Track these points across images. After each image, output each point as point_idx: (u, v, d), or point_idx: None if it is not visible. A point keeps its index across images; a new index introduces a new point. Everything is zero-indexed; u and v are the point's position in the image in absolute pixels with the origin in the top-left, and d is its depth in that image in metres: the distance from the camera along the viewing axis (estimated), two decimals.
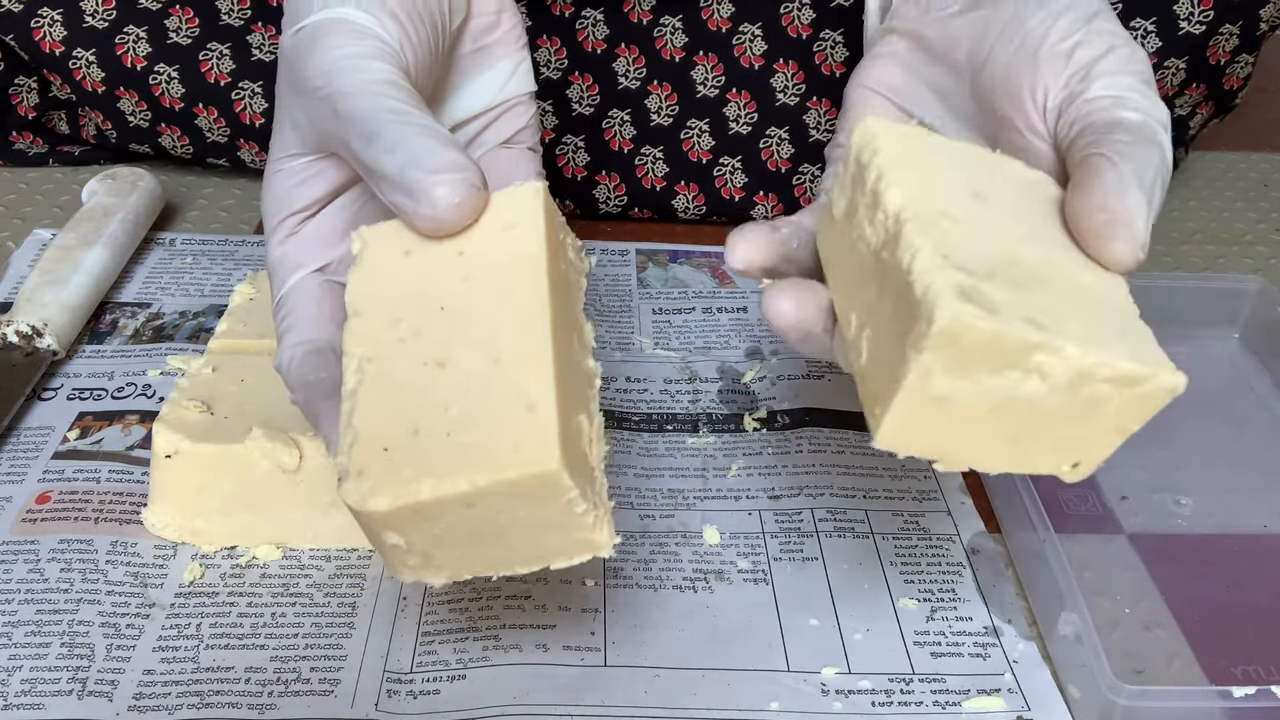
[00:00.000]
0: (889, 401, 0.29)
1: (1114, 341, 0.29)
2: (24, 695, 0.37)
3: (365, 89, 0.34)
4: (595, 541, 0.32)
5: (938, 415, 0.29)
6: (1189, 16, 0.59)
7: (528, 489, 0.30)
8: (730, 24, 0.61)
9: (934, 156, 0.33)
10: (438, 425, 0.30)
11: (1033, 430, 0.30)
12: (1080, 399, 0.30)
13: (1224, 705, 0.36)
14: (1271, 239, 0.67)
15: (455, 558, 0.32)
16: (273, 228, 0.38)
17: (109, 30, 0.62)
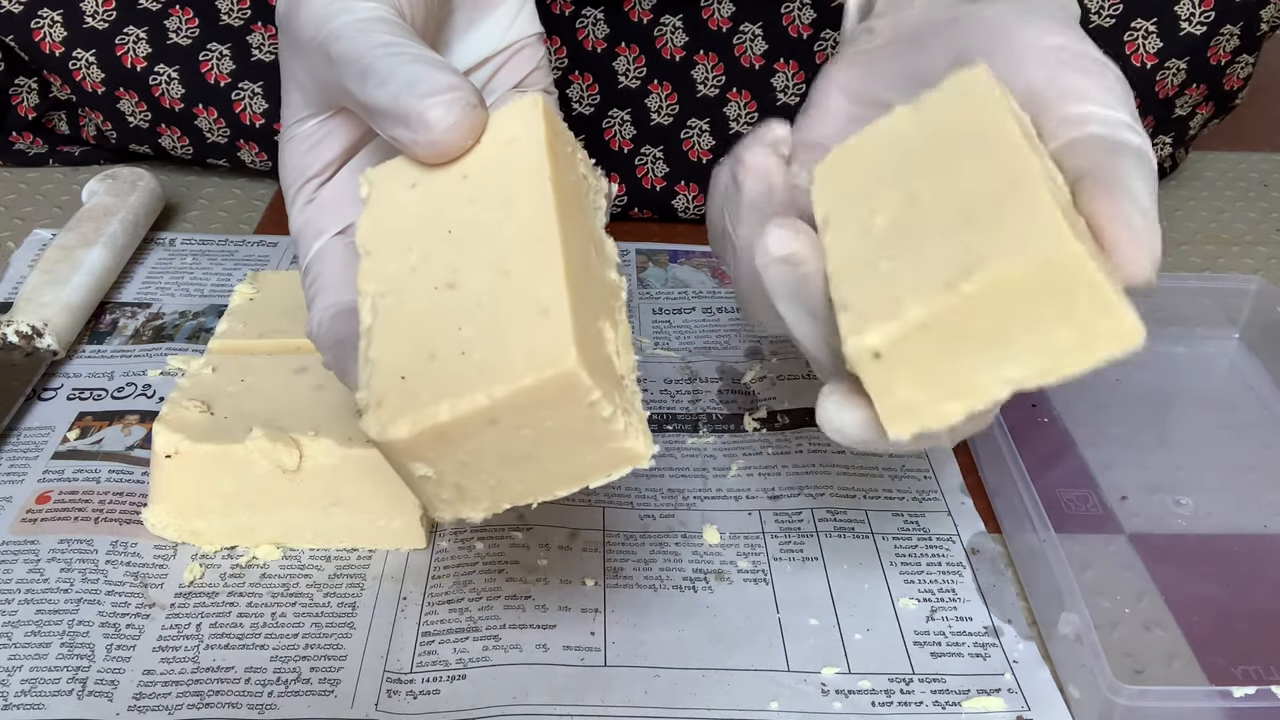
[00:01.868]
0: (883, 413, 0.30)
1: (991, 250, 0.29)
2: (24, 695, 0.37)
3: (354, 28, 0.34)
4: (631, 451, 0.31)
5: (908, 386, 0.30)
6: (1190, 17, 0.59)
7: (547, 394, 0.29)
8: (731, 23, 0.61)
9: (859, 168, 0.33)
10: (452, 346, 0.30)
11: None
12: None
13: (1224, 705, 0.36)
14: (1271, 239, 0.67)
15: (489, 486, 0.31)
16: (291, 196, 0.37)
17: (109, 31, 0.62)
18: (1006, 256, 0.28)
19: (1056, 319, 0.28)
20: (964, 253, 0.29)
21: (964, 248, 0.29)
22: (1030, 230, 0.28)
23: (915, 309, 0.29)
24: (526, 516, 0.45)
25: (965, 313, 0.29)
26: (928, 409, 0.30)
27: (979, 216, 0.29)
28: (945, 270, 0.29)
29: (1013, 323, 0.29)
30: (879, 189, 0.32)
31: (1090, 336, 0.29)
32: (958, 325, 0.29)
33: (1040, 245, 0.28)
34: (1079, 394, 0.52)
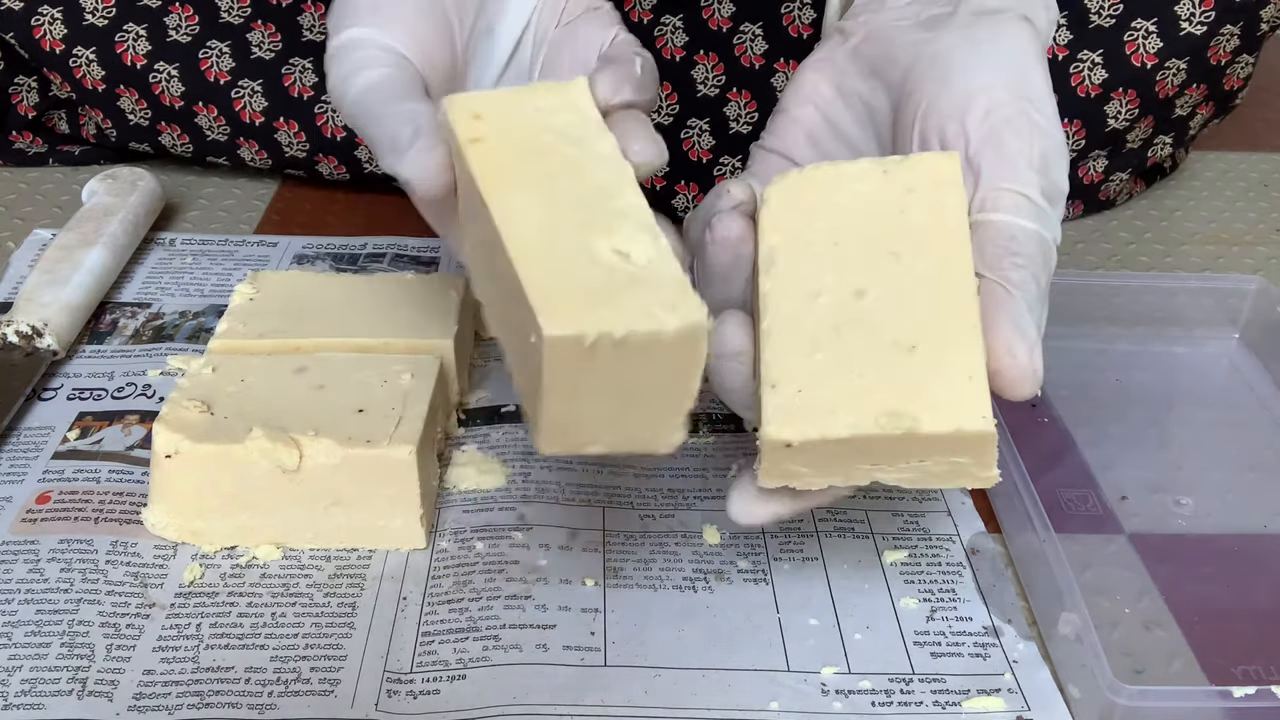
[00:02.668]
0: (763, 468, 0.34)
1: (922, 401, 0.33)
2: (24, 695, 0.37)
3: (352, 107, 0.39)
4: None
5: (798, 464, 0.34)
6: (1190, 17, 0.59)
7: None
8: (731, 23, 0.61)
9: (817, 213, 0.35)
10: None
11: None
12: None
13: (1224, 705, 0.36)
14: (1271, 239, 0.67)
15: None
16: None
17: (109, 28, 0.62)
18: (933, 420, 0.32)
19: (945, 460, 0.33)
20: (896, 392, 0.32)
21: (898, 387, 0.32)
22: (962, 401, 0.32)
23: (841, 429, 0.32)
24: (526, 516, 0.45)
25: (881, 442, 0.33)
26: (805, 478, 0.34)
27: (920, 356, 0.33)
28: (876, 402, 0.32)
29: (910, 456, 0.33)
30: (831, 253, 0.35)
31: (963, 474, 0.34)
32: (868, 446, 0.33)
33: (967, 421, 0.32)
34: (1079, 394, 0.52)
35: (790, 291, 0.34)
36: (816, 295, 0.34)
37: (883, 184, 0.35)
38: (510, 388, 0.51)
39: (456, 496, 0.46)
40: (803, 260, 0.35)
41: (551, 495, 0.46)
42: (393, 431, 0.42)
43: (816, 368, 0.33)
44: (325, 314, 0.48)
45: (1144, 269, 0.64)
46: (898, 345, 0.33)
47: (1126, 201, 0.69)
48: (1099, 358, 0.55)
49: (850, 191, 0.35)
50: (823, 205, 0.35)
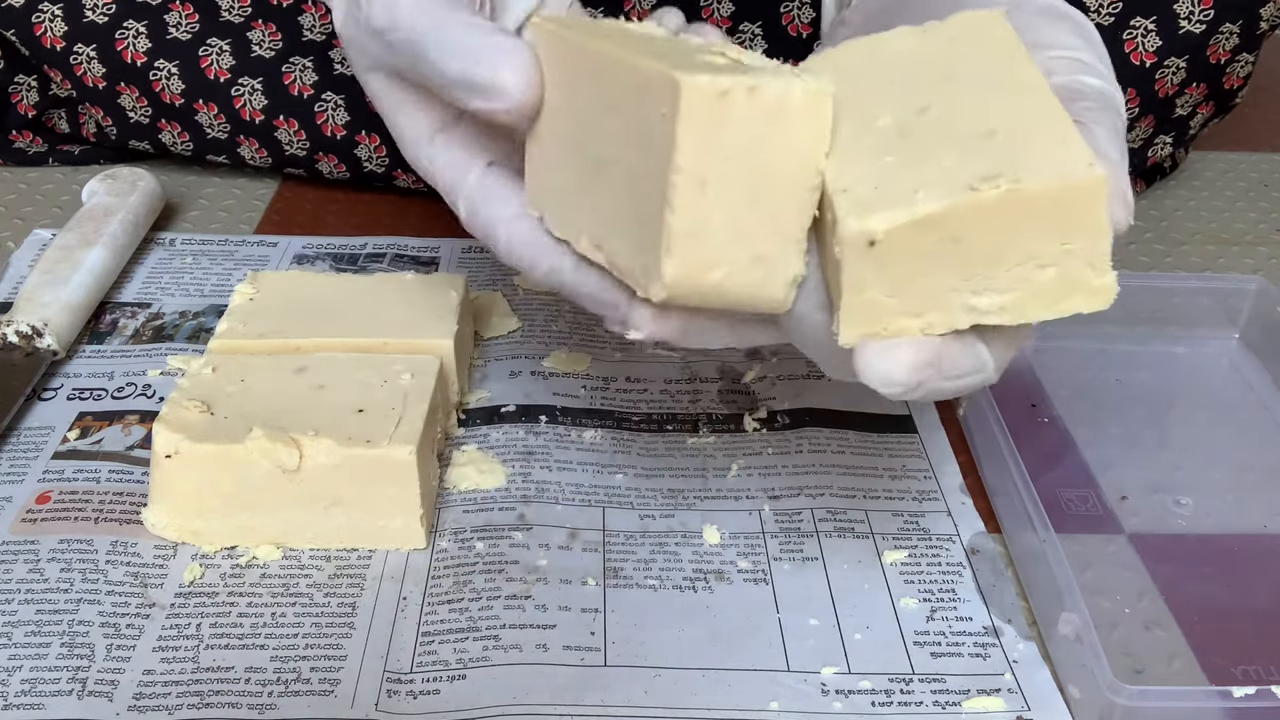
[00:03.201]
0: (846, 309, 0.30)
1: (1017, 159, 0.29)
2: (24, 695, 0.37)
3: (405, 17, 0.35)
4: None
5: (887, 290, 0.29)
6: (1189, 15, 0.59)
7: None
8: (730, 23, 0.61)
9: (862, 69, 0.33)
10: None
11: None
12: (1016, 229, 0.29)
13: (1224, 705, 0.36)
14: (1271, 239, 0.67)
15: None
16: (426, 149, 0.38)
17: (109, 25, 0.62)
18: (1037, 174, 0.28)
19: (1050, 255, 0.29)
20: (989, 162, 0.28)
21: (989, 158, 0.29)
22: (1064, 155, 0.28)
23: (930, 202, 0.28)
24: (526, 516, 0.45)
25: (976, 219, 0.28)
26: (888, 318, 0.30)
27: (1002, 136, 0.29)
28: (966, 173, 0.28)
29: (1011, 246, 0.29)
30: (883, 93, 0.32)
31: (1071, 284, 0.29)
32: (962, 230, 0.28)
33: (1073, 169, 0.28)
34: (1079, 394, 0.52)
35: (846, 125, 0.31)
36: (875, 119, 0.31)
37: (922, 40, 0.33)
38: (510, 386, 0.51)
39: (456, 496, 0.46)
40: (855, 105, 0.31)
41: (551, 495, 0.46)
42: (393, 431, 0.42)
43: (890, 167, 0.29)
44: (325, 314, 0.48)
45: (1144, 269, 0.64)
46: (974, 134, 0.29)
47: None
48: (1099, 358, 0.55)
49: (890, 51, 0.33)
50: (866, 65, 0.33)
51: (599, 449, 0.49)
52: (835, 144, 0.30)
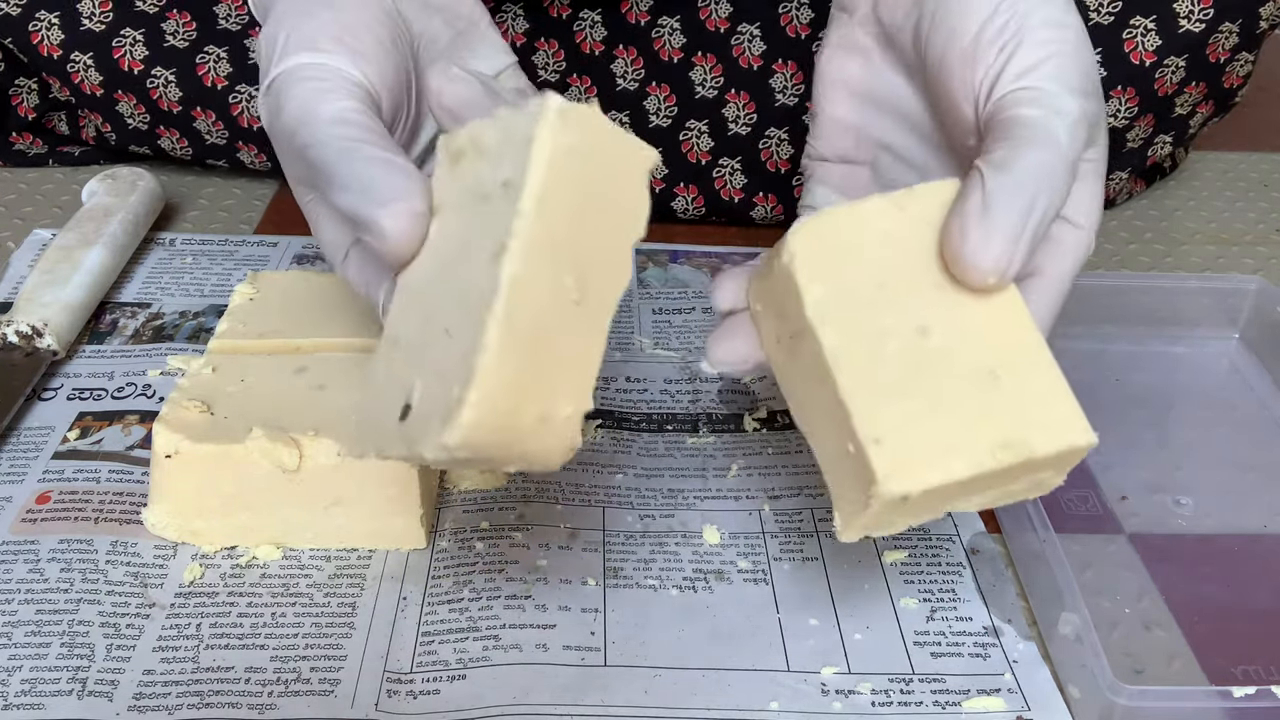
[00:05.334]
0: (850, 519, 0.34)
1: (1027, 426, 0.33)
2: (24, 695, 0.37)
3: (318, 136, 0.34)
4: None
5: (895, 514, 0.33)
6: (1189, 15, 0.59)
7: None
8: (729, 24, 0.61)
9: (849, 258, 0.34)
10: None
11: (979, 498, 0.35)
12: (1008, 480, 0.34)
13: (1224, 705, 0.36)
14: (1271, 239, 0.67)
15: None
16: (341, 262, 0.38)
17: (106, 33, 0.62)
18: (1047, 443, 0.32)
19: (1033, 478, 0.34)
20: (1001, 424, 0.32)
21: (999, 418, 0.32)
22: (1060, 417, 0.33)
23: (960, 468, 0.32)
24: (526, 516, 0.45)
25: (992, 475, 0.32)
26: (895, 525, 0.34)
27: (1003, 378, 0.33)
28: (986, 437, 0.32)
29: (1010, 480, 0.33)
30: (882, 303, 0.33)
31: (1039, 486, 0.34)
32: (976, 482, 0.33)
33: (1075, 437, 0.33)
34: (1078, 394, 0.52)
35: (856, 341, 0.33)
36: (883, 339, 0.33)
37: (901, 220, 0.34)
38: None
39: (456, 496, 0.46)
40: (853, 307, 0.33)
41: (551, 495, 0.46)
42: None
43: (911, 414, 0.32)
44: (325, 314, 0.48)
45: (1144, 269, 0.64)
46: (979, 375, 0.33)
47: (1126, 201, 0.69)
48: (1099, 358, 0.55)
49: (874, 230, 0.34)
50: (851, 248, 0.34)
51: (599, 449, 0.49)
52: (849, 361, 0.33)
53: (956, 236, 0.33)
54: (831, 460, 0.34)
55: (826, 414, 0.33)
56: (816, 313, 0.33)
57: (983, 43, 0.36)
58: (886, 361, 0.33)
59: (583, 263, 0.31)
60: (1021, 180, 0.33)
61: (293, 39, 0.37)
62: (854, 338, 0.33)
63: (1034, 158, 0.33)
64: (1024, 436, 0.32)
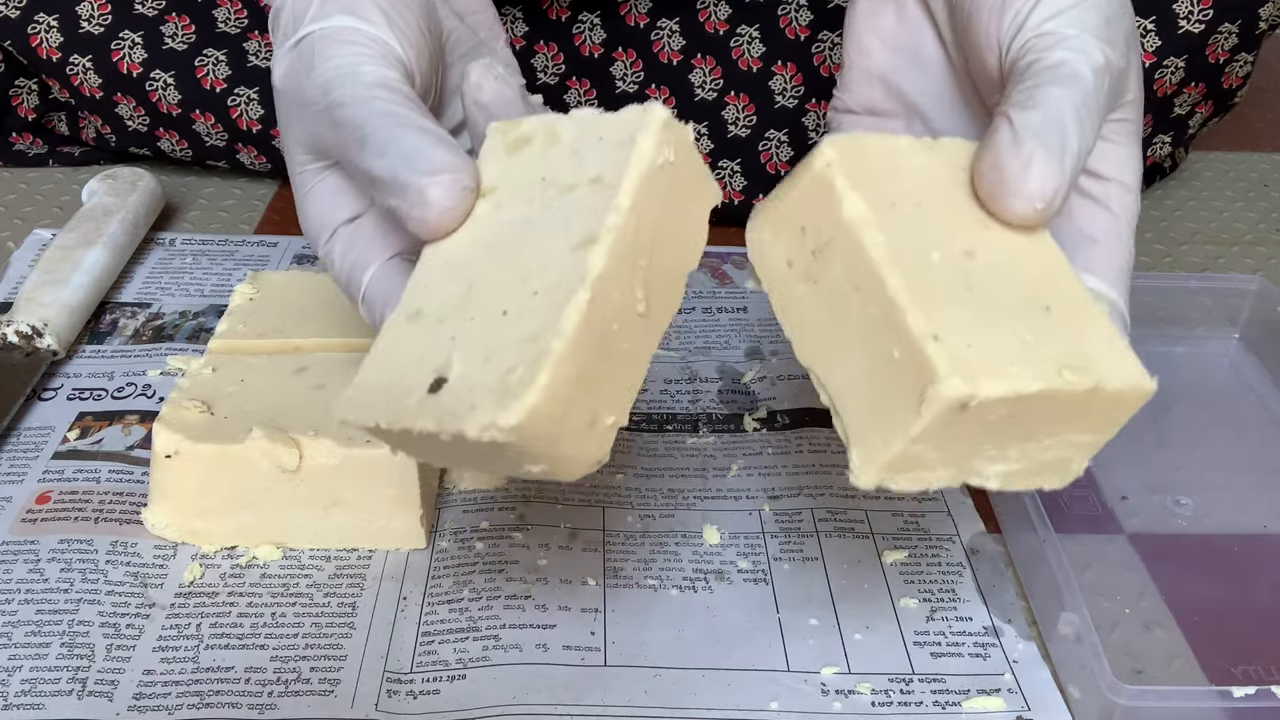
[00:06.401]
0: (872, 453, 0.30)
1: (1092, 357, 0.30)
2: (24, 695, 0.37)
3: (357, 96, 0.34)
4: None
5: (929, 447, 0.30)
6: (1188, 15, 0.59)
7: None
8: (728, 26, 0.61)
9: (887, 176, 0.32)
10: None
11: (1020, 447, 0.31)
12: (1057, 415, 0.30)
13: (1224, 705, 0.36)
14: (1271, 239, 0.67)
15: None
16: (325, 241, 0.37)
17: (105, 36, 0.62)
18: (1112, 376, 0.30)
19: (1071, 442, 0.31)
20: (1066, 349, 0.30)
21: (1063, 343, 0.30)
22: (1122, 360, 0.30)
23: (1030, 382, 0.28)
24: (526, 516, 0.45)
25: (1048, 402, 0.29)
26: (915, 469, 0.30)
27: (1056, 313, 0.30)
28: (1051, 357, 0.29)
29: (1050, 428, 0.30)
30: (925, 223, 0.31)
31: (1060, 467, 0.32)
32: (1029, 409, 0.29)
33: (1139, 379, 0.30)
34: None
35: (901, 249, 0.30)
36: (929, 252, 0.30)
37: (930, 159, 0.33)
38: None
39: (456, 496, 0.46)
40: (895, 219, 0.31)
41: (551, 495, 0.46)
42: None
43: (970, 323, 0.29)
44: (325, 314, 0.48)
45: (1144, 269, 0.64)
46: (1032, 304, 0.30)
47: None
48: None
49: (907, 161, 0.33)
50: (888, 168, 0.32)
51: None
52: (897, 262, 0.30)
53: (991, 171, 0.31)
54: (857, 387, 0.31)
55: (858, 333, 0.30)
56: (858, 215, 0.30)
57: None
58: (935, 272, 0.30)
59: (650, 277, 0.31)
60: (1049, 114, 0.32)
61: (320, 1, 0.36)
62: (900, 246, 0.30)
63: (1058, 93, 0.33)
64: (1090, 366, 0.29)
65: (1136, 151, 0.37)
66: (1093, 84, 0.33)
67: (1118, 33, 0.36)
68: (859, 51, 0.43)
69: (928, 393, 0.28)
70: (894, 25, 0.42)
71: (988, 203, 0.32)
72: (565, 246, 0.29)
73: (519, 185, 0.32)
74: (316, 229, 0.37)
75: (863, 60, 0.42)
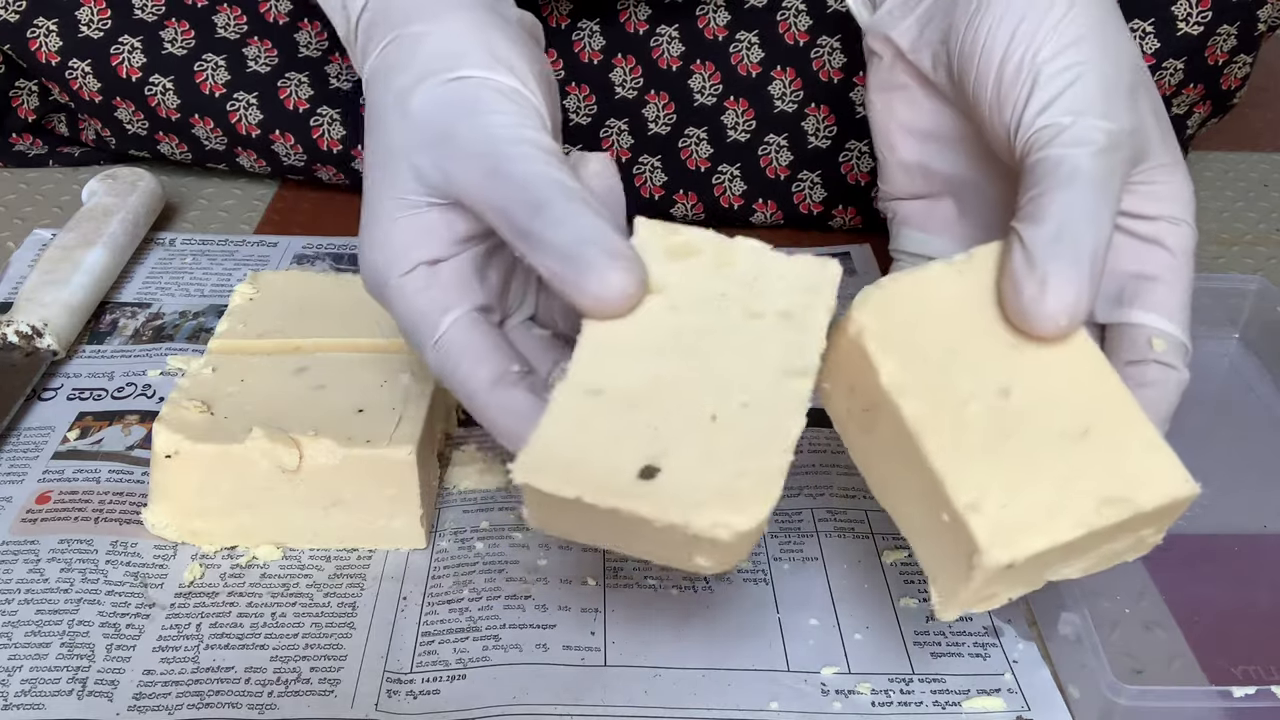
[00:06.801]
0: (950, 594, 0.33)
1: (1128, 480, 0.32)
2: (24, 695, 0.37)
3: (531, 158, 0.34)
4: None
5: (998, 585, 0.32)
6: (1187, 17, 0.59)
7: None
8: (727, 32, 0.61)
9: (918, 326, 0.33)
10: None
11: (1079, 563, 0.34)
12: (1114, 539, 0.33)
13: (1224, 705, 0.36)
14: (1271, 239, 0.67)
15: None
16: (405, 273, 0.36)
17: (104, 41, 0.62)
18: (1149, 495, 0.32)
19: (1134, 535, 0.33)
20: (1101, 481, 0.31)
21: (1099, 475, 0.31)
22: (1161, 469, 0.32)
23: (1067, 530, 0.31)
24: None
25: (1096, 535, 0.31)
26: (993, 599, 0.33)
27: (1094, 435, 0.32)
28: (1088, 496, 0.31)
29: (1111, 539, 0.32)
30: (958, 368, 0.33)
31: (1137, 545, 0.33)
32: (1079, 543, 0.31)
33: (1177, 488, 0.32)
34: None
35: (938, 408, 0.32)
36: (964, 404, 0.32)
37: (961, 284, 0.34)
38: None
39: (456, 496, 0.46)
40: (930, 374, 0.33)
41: None
42: (393, 431, 0.42)
43: (1007, 477, 0.31)
44: (325, 314, 0.48)
45: None
46: (1068, 434, 0.32)
47: None
48: None
49: (938, 297, 0.34)
50: (918, 316, 0.34)
51: None
52: (933, 428, 0.32)
53: (1011, 294, 0.32)
54: (922, 535, 0.34)
55: (913, 488, 0.33)
56: (893, 383, 0.32)
57: (1004, 86, 0.36)
58: (971, 426, 0.32)
59: None
60: (1058, 224, 0.32)
61: (479, 50, 0.35)
62: (935, 405, 0.32)
63: (1063, 198, 0.33)
64: (1127, 492, 0.31)
65: (1179, 181, 0.37)
66: (1099, 172, 0.34)
67: (1117, 91, 0.35)
68: (887, 147, 0.43)
69: (974, 560, 0.31)
70: (910, 115, 0.42)
71: (1016, 325, 0.33)
72: (769, 369, 0.32)
73: (696, 294, 0.33)
74: (395, 257, 0.36)
75: (892, 155, 0.43)
